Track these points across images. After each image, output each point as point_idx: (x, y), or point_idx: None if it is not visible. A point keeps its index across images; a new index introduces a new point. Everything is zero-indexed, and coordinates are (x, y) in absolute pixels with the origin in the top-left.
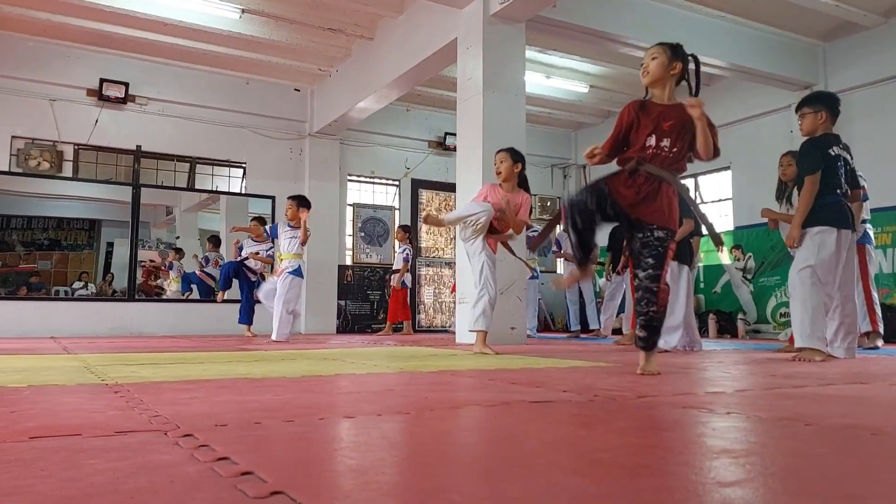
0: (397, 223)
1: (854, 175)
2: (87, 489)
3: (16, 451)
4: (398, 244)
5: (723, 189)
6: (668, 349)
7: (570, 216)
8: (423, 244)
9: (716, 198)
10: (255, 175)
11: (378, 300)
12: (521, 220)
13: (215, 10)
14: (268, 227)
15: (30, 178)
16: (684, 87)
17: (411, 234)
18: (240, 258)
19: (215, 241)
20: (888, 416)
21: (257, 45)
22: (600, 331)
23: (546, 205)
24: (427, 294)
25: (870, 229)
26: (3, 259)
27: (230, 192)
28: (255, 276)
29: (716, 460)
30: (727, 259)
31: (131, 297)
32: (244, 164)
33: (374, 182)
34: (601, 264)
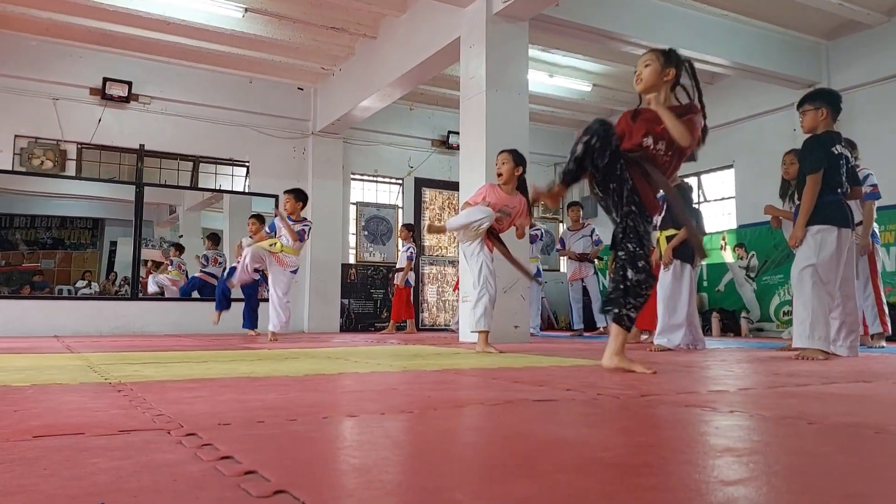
0: (400, 222)
1: (854, 173)
2: (90, 488)
3: (19, 450)
4: (401, 243)
5: (726, 187)
6: (671, 347)
7: (595, 133)
8: (427, 243)
9: (719, 196)
10: (259, 174)
11: (381, 299)
12: (521, 223)
13: (218, 9)
14: (267, 228)
15: (33, 177)
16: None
17: (415, 232)
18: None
19: (215, 238)
20: (891, 415)
21: (260, 43)
22: (604, 329)
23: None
24: (430, 293)
25: (876, 228)
26: (6, 258)
27: (233, 190)
28: (258, 274)
29: (719, 459)
30: (730, 257)
31: (134, 296)
32: (247, 163)
33: (377, 181)
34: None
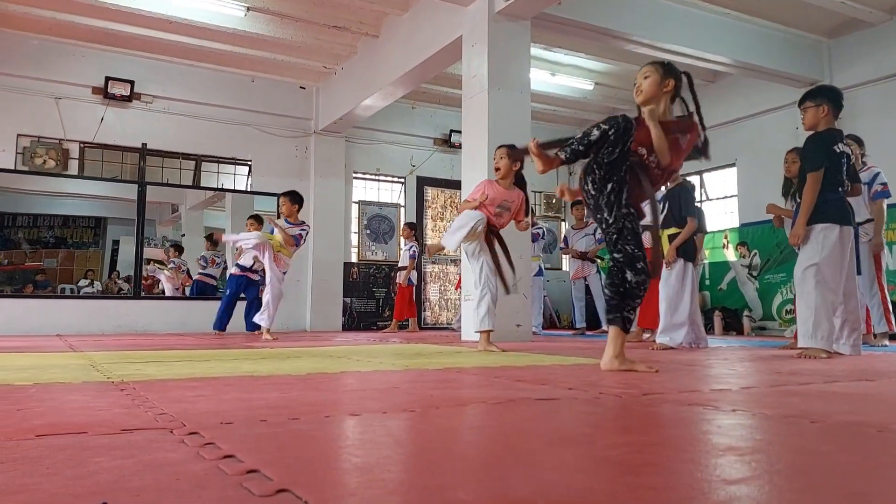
0: (403, 221)
1: (854, 170)
2: (92, 487)
3: (22, 449)
4: (404, 241)
5: (728, 186)
6: (673, 346)
7: (615, 126)
8: (429, 241)
9: (721, 195)
10: (261, 173)
11: (383, 297)
12: (521, 218)
13: (220, 8)
14: (264, 229)
15: (35, 176)
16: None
17: (417, 231)
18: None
19: (213, 239)
20: (894, 414)
21: (262, 42)
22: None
23: (551, 202)
24: (433, 291)
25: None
26: (9, 257)
27: (236, 189)
28: (258, 275)
29: (721, 458)
30: (733, 256)
31: (137, 295)
32: (249, 162)
33: (379, 179)
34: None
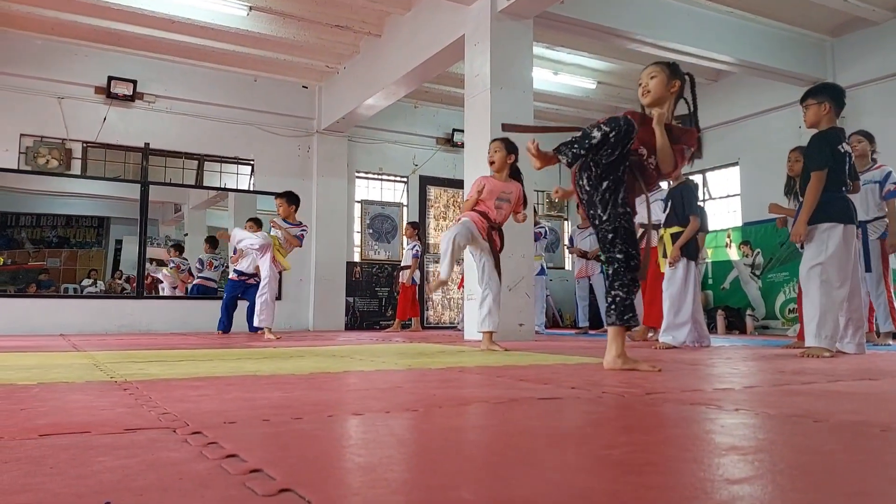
0: (405, 220)
1: (854, 169)
2: (96, 486)
3: (25, 449)
4: (407, 241)
5: (731, 185)
6: (676, 345)
7: (617, 128)
8: (432, 241)
9: (724, 193)
10: (264, 172)
11: (386, 297)
12: (519, 209)
13: (223, 8)
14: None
15: (38, 175)
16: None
17: (420, 230)
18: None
19: (213, 241)
20: None
21: (265, 42)
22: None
23: (554, 201)
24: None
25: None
26: (12, 257)
27: (238, 189)
28: (256, 279)
29: (724, 457)
30: (735, 255)
31: (140, 294)
32: (252, 162)
33: (382, 179)
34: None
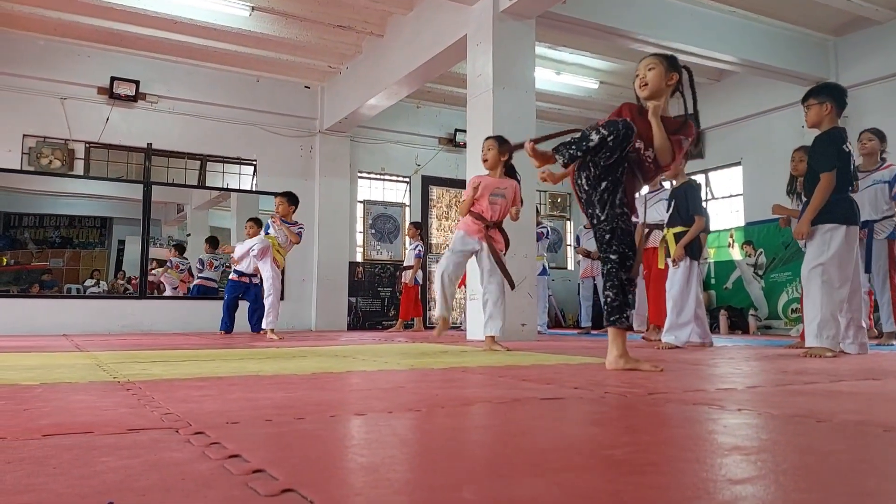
0: (408, 220)
1: (855, 169)
2: (98, 487)
3: (28, 449)
4: (409, 241)
5: (734, 184)
6: (678, 345)
7: (615, 132)
8: (434, 241)
9: (727, 193)
10: (266, 172)
11: (389, 297)
12: (515, 205)
13: (225, 8)
14: (263, 231)
15: (41, 176)
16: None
17: (422, 230)
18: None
19: (213, 242)
20: None
21: (267, 42)
22: None
23: (556, 201)
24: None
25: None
26: (15, 257)
27: (241, 189)
28: (255, 279)
29: (727, 457)
30: (738, 255)
31: (142, 294)
32: (255, 162)
33: (384, 179)
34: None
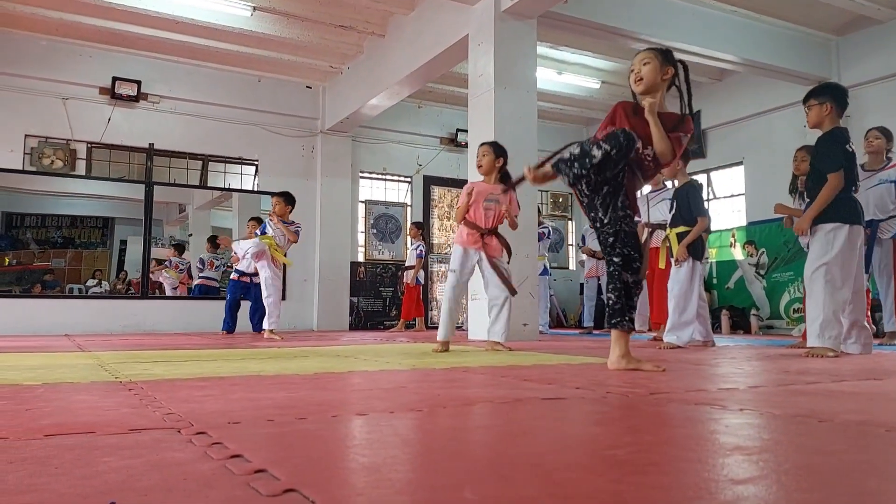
0: (409, 220)
1: (857, 169)
2: (101, 487)
3: (30, 449)
4: (411, 241)
5: (735, 184)
6: (680, 344)
7: (617, 146)
8: (436, 241)
9: (728, 193)
10: (268, 172)
11: (390, 297)
12: (513, 213)
13: (227, 8)
14: (258, 230)
15: (43, 176)
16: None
17: (424, 230)
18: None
19: (215, 241)
20: None
21: (269, 42)
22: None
23: (558, 201)
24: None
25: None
26: (17, 257)
27: (242, 189)
28: (256, 278)
29: (728, 457)
30: (740, 255)
31: (144, 294)
32: (256, 162)
33: (385, 179)
34: None
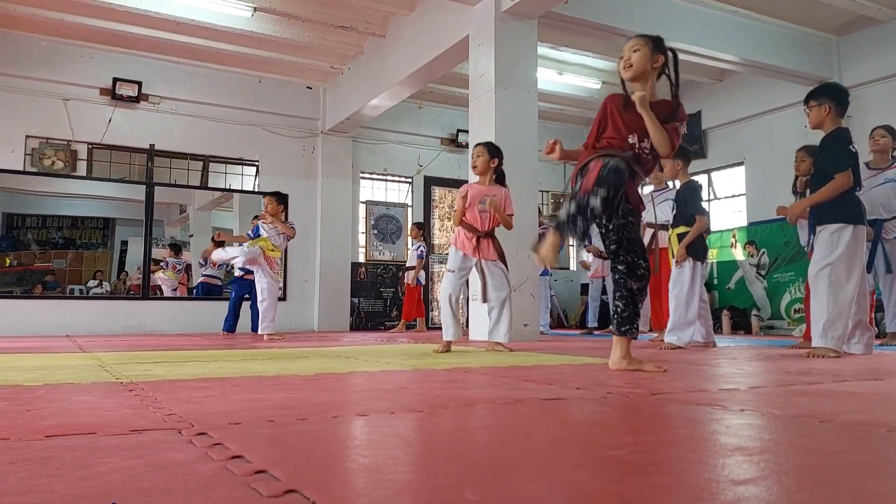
0: (410, 220)
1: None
2: (101, 488)
3: (31, 450)
4: (412, 241)
5: (736, 184)
6: (681, 345)
7: (610, 186)
8: (437, 241)
9: (729, 193)
10: (268, 173)
11: (391, 297)
12: (508, 213)
13: (227, 9)
14: (250, 231)
15: (44, 177)
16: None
17: (425, 230)
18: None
19: (218, 241)
20: None
21: (269, 43)
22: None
23: (559, 201)
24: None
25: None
26: (18, 258)
27: (243, 190)
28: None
29: (729, 458)
30: (741, 255)
31: (145, 295)
32: (257, 162)
33: (386, 179)
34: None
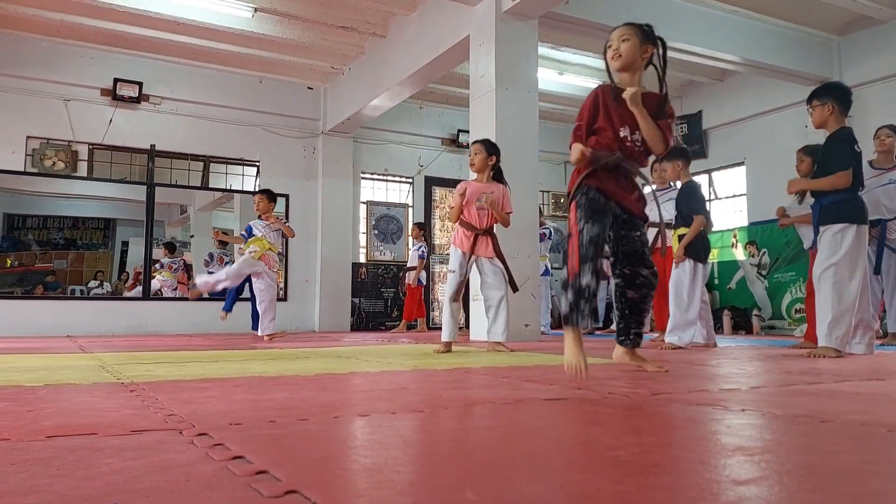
0: (411, 221)
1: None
2: (102, 488)
3: (32, 451)
4: (413, 241)
5: (737, 185)
6: (682, 345)
7: (589, 225)
8: (437, 241)
9: (730, 193)
10: (269, 173)
11: (392, 298)
12: (506, 211)
13: (228, 9)
14: (243, 231)
15: (45, 177)
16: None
17: (425, 231)
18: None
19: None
20: None
21: (270, 43)
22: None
23: (559, 201)
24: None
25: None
26: (19, 258)
27: (244, 190)
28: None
29: (730, 458)
30: (742, 255)
31: (146, 295)
32: (258, 163)
33: (387, 179)
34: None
